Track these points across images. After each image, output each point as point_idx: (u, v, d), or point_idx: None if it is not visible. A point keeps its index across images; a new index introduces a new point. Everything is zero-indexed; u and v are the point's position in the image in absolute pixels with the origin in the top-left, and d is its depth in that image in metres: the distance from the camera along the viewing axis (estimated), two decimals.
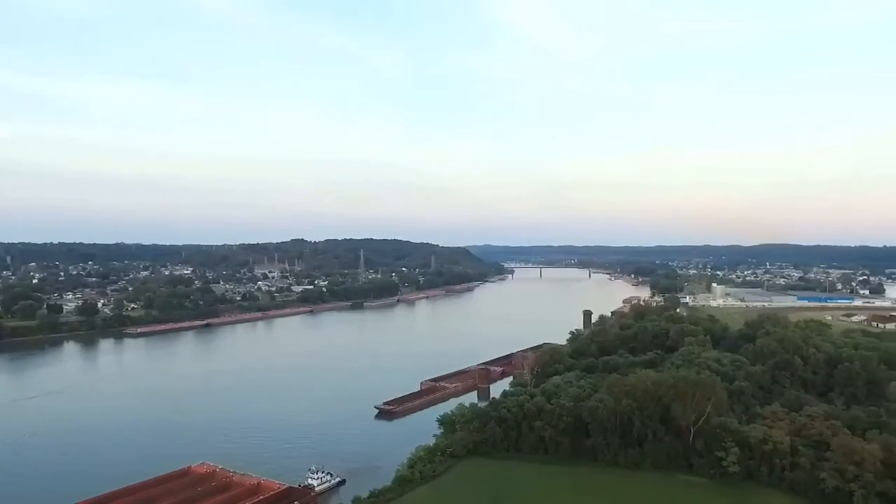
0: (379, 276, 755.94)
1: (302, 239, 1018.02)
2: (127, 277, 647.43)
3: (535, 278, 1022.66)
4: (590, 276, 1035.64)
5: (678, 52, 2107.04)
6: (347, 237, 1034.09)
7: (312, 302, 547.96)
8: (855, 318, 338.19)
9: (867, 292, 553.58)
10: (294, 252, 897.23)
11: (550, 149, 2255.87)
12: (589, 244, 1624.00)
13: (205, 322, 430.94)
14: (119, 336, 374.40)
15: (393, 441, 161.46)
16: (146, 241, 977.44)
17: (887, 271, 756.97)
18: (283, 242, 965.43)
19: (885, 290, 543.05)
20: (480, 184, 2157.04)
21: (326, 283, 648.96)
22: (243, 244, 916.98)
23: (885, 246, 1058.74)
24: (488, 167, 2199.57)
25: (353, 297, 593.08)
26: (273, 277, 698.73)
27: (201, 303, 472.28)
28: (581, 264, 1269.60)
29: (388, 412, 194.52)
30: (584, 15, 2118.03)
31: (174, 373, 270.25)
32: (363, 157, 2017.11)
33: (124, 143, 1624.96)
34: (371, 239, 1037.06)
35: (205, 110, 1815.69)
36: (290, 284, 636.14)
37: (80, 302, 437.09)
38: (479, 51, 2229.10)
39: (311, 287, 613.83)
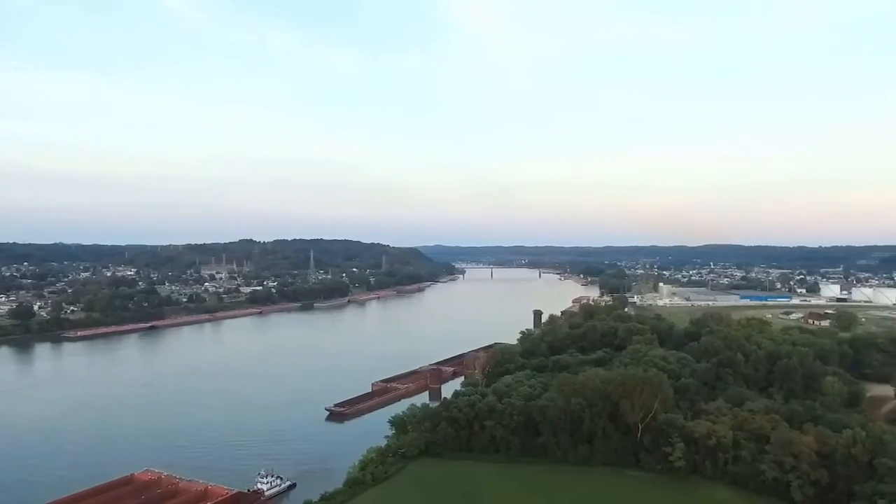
0: (329, 276, 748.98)
1: (251, 239, 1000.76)
2: (66, 279, 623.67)
3: (486, 278, 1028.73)
4: (540, 276, 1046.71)
5: (628, 55, 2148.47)
6: (297, 237, 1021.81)
7: (261, 303, 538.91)
8: (793, 316, 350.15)
9: (804, 291, 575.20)
10: (242, 252, 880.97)
11: (503, 149, 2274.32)
12: (539, 244, 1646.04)
13: (149, 324, 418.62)
14: (57, 340, 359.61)
15: (344, 443, 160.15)
16: (87, 241, 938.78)
17: (822, 271, 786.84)
18: (231, 243, 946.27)
19: (820, 289, 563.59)
20: (432, 184, 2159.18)
21: (276, 283, 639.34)
22: (190, 244, 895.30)
23: (820, 247, 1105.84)
24: (440, 167, 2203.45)
25: (303, 297, 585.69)
26: (221, 278, 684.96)
27: (146, 305, 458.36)
28: (531, 264, 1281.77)
29: (339, 414, 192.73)
30: (536, 17, 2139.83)
31: (116, 377, 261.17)
32: (313, 156, 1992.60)
33: (59, 138, 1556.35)
34: (321, 239, 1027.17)
35: (148, 106, 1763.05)
36: (239, 285, 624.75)
37: (14, 305, 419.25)
38: (434, 52, 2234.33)
39: (260, 288, 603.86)
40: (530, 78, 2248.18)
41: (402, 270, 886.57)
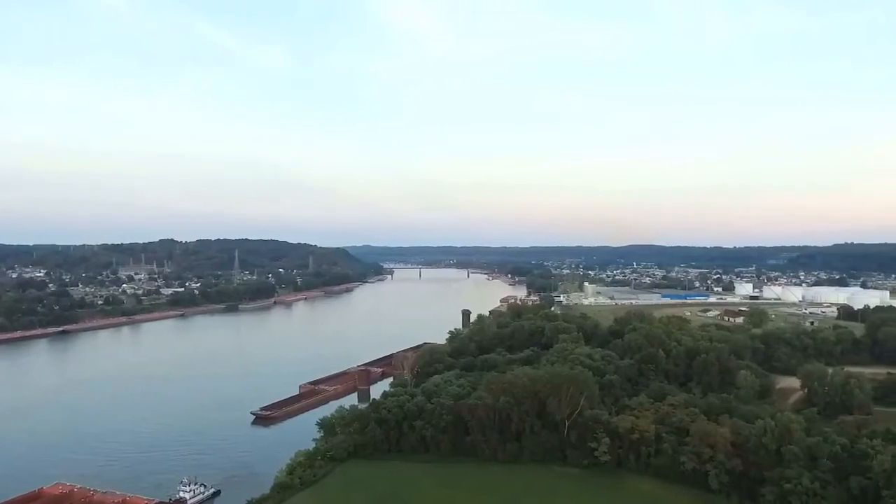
0: (255, 277, 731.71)
1: (172, 239, 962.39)
2: None
3: (415, 279, 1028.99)
4: (468, 276, 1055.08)
5: (560, 59, 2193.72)
6: (221, 237, 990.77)
7: (184, 305, 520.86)
8: (710, 314, 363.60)
9: (720, 290, 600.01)
10: (163, 253, 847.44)
11: (434, 150, 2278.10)
12: (468, 245, 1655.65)
13: (60, 329, 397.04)
14: None
15: (271, 447, 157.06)
16: None
17: (736, 270, 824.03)
18: (150, 242, 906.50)
19: (734, 287, 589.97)
20: (361, 184, 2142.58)
21: (199, 285, 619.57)
22: (105, 244, 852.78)
23: (734, 247, 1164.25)
24: (370, 167, 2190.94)
25: (227, 299, 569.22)
26: (140, 280, 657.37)
27: (56, 308, 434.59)
28: (460, 265, 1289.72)
29: (265, 418, 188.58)
30: (471, 19, 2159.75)
31: (24, 385, 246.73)
32: (239, 155, 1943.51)
33: None
34: (246, 239, 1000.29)
35: (57, 96, 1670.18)
36: (159, 287, 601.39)
37: None
38: (366, 51, 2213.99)
39: (182, 289, 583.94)
40: (463, 79, 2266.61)
41: (329, 271, 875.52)
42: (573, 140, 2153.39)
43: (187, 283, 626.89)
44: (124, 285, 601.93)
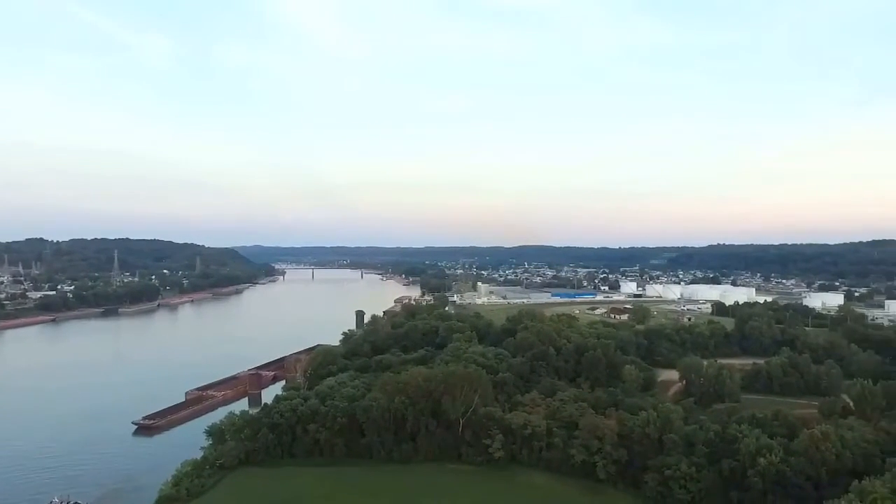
0: (137, 279, 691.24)
1: (41, 238, 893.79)
2: None
3: (308, 279, 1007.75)
4: (362, 276, 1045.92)
5: (454, 61, 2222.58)
6: (99, 237, 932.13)
7: (55, 310, 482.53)
8: (597, 311, 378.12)
9: (607, 288, 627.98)
10: (31, 253, 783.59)
11: (326, 148, 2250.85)
12: (361, 245, 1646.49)
13: None
14: None
15: (156, 458, 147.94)
16: None
17: (622, 270, 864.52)
18: (15, 242, 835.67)
19: (620, 286, 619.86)
20: (251, 182, 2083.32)
21: (73, 287, 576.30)
22: None
23: (620, 248, 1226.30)
24: (261, 165, 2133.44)
25: (105, 302, 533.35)
26: (2, 282, 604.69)
27: None
28: (354, 265, 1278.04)
29: (148, 427, 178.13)
30: (367, 18, 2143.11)
31: None
32: (120, 149, 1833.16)
33: None
34: (127, 239, 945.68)
35: None
36: (26, 290, 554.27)
37: None
38: (257, 47, 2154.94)
39: (54, 293, 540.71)
40: (358, 78, 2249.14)
41: (218, 272, 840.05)
42: (467, 141, 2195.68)
43: (59, 286, 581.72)
44: None
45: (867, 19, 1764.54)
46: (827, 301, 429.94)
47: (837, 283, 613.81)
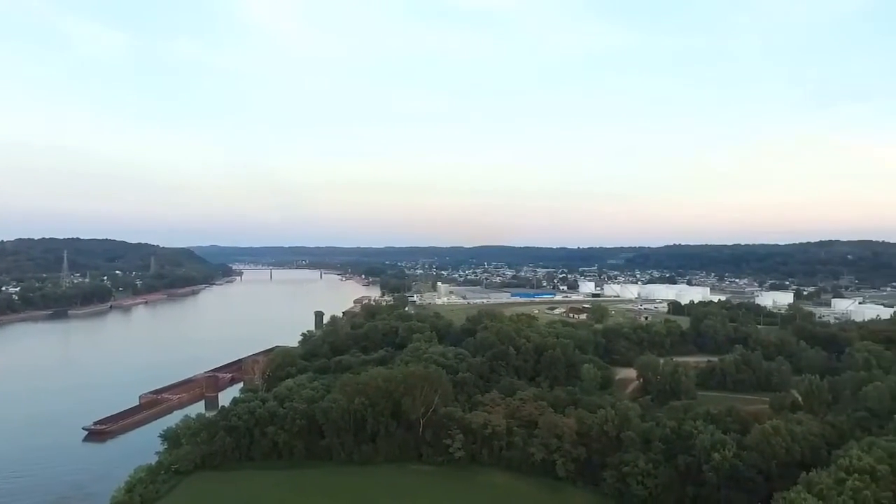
0: (87, 280, 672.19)
1: None
2: None
3: (266, 280, 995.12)
4: (321, 276, 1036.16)
5: (415, 62, 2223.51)
6: (47, 236, 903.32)
7: None
8: (556, 311, 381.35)
9: (566, 288, 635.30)
10: None
11: (284, 148, 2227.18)
12: (321, 245, 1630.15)
13: None
14: None
15: (108, 464, 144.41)
16: None
17: (580, 269, 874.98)
18: None
19: (579, 285, 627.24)
20: (208, 182, 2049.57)
21: (18, 289, 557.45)
22: None
23: (578, 248, 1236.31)
24: (217, 164, 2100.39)
25: (54, 304, 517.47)
26: None
27: None
28: (313, 265, 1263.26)
29: (100, 433, 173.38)
30: (330, 19, 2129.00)
31: None
32: (67, 145, 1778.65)
33: None
34: (78, 238, 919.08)
35: None
36: None
37: None
38: (215, 45, 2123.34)
39: None
40: (317, 78, 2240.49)
41: (173, 272, 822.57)
42: (426, 141, 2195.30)
43: (4, 287, 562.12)
44: None
45: (822, 28, 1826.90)
46: (777, 300, 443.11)
47: (787, 283, 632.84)
